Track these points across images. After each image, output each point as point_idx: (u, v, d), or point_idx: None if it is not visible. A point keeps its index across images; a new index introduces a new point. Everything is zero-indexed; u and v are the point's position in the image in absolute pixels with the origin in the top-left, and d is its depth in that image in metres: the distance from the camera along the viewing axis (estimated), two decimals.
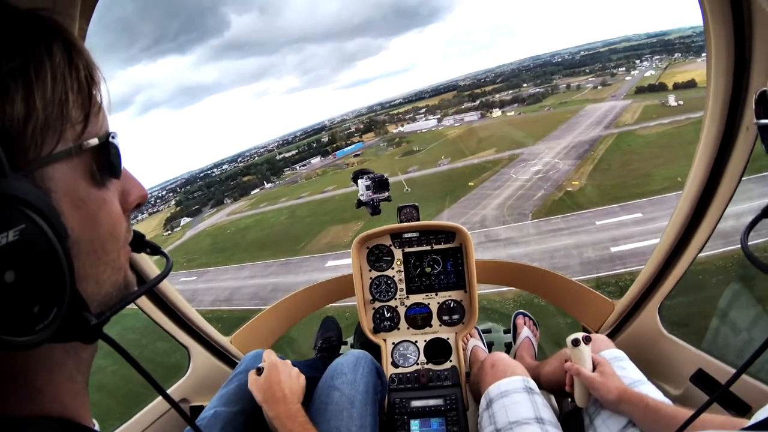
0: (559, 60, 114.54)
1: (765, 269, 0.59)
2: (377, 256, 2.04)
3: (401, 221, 2.03)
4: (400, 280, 2.03)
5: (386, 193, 2.01)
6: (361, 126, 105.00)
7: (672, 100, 52.17)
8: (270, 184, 78.33)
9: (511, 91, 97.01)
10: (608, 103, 64.03)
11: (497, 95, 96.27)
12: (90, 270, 0.49)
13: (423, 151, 68.84)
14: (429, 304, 2.02)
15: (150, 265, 1.50)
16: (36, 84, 0.43)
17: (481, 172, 44.00)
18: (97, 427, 0.53)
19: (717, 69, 1.14)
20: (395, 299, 2.04)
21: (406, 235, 2.02)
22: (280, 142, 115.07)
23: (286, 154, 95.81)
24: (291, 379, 1.30)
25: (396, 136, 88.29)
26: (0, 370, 0.44)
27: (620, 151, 39.94)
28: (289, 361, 1.39)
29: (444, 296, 2.01)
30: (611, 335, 1.87)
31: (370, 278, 2.04)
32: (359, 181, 2.03)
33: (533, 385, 1.39)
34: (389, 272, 2.05)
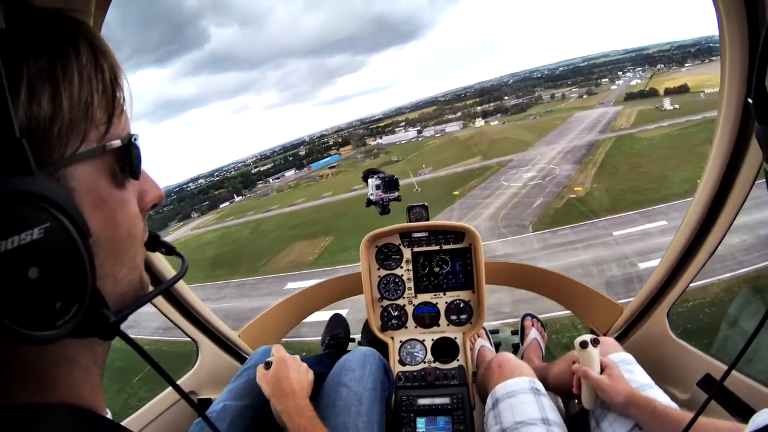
0: (539, 75, 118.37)
1: None
2: (386, 255, 2.07)
3: (410, 221, 2.05)
4: (409, 279, 2.07)
5: (396, 193, 2.03)
6: (340, 140, 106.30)
7: (668, 104, 52.49)
8: (240, 197, 77.80)
9: (492, 104, 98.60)
10: (598, 109, 64.24)
11: (479, 107, 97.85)
12: (108, 269, 0.50)
13: (402, 161, 68.12)
14: (437, 303, 2.05)
15: (164, 263, 1.54)
16: (63, 84, 0.43)
17: (467, 180, 41.98)
18: (109, 415, 0.56)
19: (731, 73, 1.16)
20: (403, 298, 2.07)
21: (415, 235, 2.05)
22: (259, 157, 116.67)
23: (261, 168, 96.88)
24: (299, 374, 1.33)
25: (374, 148, 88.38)
26: (16, 362, 0.45)
27: (623, 154, 38.25)
28: (297, 357, 1.41)
29: (452, 296, 2.04)
30: (619, 338, 1.87)
31: (379, 276, 2.08)
32: (369, 180, 2.06)
33: (540, 386, 1.41)
34: (398, 271, 2.08)
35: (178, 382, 1.73)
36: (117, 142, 0.49)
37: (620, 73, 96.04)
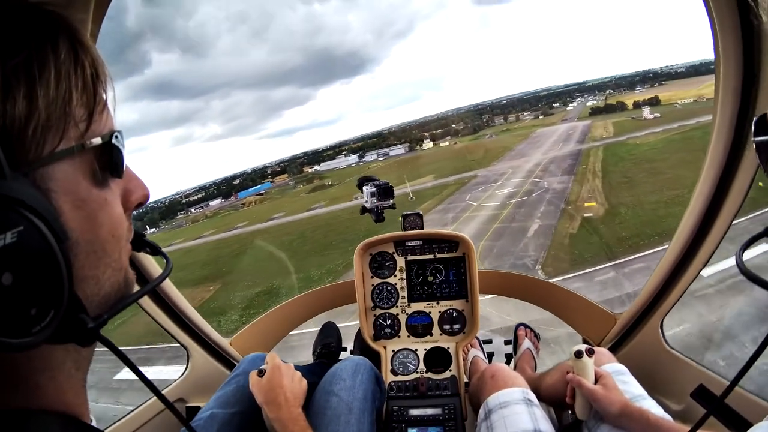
0: (482, 108, 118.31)
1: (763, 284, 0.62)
2: (380, 263, 2.15)
3: (405, 229, 2.11)
4: (402, 287, 2.14)
5: (391, 201, 2.09)
6: (278, 169, 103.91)
7: (647, 113, 51.15)
8: (153, 230, 73.09)
9: (440, 130, 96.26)
10: (565, 124, 61.06)
11: (426, 133, 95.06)
12: (90, 271, 0.50)
13: (338, 185, 63.34)
14: (430, 312, 2.11)
15: (152, 263, 1.60)
16: (39, 82, 0.43)
17: (420, 201, 35.25)
18: (94, 423, 0.58)
19: (725, 85, 1.23)
20: (396, 307, 2.13)
21: (409, 243, 2.13)
22: (198, 188, 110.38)
23: (192, 198, 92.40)
24: (293, 382, 1.38)
25: (309, 174, 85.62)
26: None
27: (626, 161, 33.55)
28: (291, 365, 1.46)
29: (446, 305, 2.10)
30: (613, 349, 1.94)
31: (372, 285, 2.15)
32: (364, 188, 2.12)
33: (532, 396, 1.47)
34: (391, 280, 2.14)
35: (168, 389, 1.91)
36: (97, 140, 0.49)
37: (569, 98, 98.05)
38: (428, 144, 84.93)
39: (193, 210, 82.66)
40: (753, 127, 0.67)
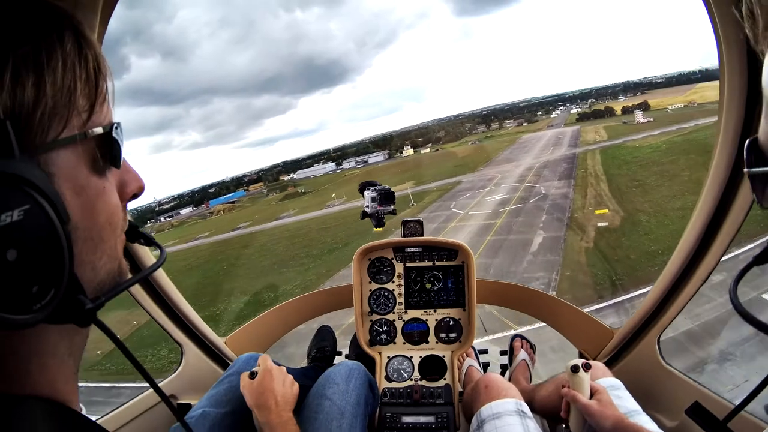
0: (463, 118, 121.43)
1: (756, 324, 0.57)
2: (378, 269, 2.17)
3: (405, 235, 2.15)
4: (400, 294, 2.16)
5: (392, 206, 2.11)
6: (255, 177, 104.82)
7: (640, 117, 51.72)
8: None
9: (421, 138, 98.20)
10: (552, 130, 60.67)
11: (407, 141, 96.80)
12: (87, 257, 0.52)
13: (311, 192, 62.76)
14: (427, 320, 2.13)
15: (146, 256, 1.62)
16: (47, 70, 0.46)
17: (398, 209, 25.96)
18: (84, 411, 0.57)
19: (729, 104, 1.24)
20: (393, 313, 2.15)
21: (408, 250, 2.15)
22: (175, 197, 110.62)
23: (165, 206, 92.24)
24: (284, 386, 1.38)
25: (284, 182, 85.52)
26: None
27: (631, 164, 31.47)
28: (284, 368, 1.46)
29: (442, 313, 2.12)
30: (609, 363, 1.96)
31: (370, 290, 2.17)
32: (365, 192, 2.14)
33: (526, 408, 1.48)
34: (389, 285, 2.16)
35: (160, 385, 1.85)
36: (99, 130, 0.52)
37: (551, 108, 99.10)
38: (408, 151, 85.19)
39: (162, 218, 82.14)
40: (744, 154, 0.60)
